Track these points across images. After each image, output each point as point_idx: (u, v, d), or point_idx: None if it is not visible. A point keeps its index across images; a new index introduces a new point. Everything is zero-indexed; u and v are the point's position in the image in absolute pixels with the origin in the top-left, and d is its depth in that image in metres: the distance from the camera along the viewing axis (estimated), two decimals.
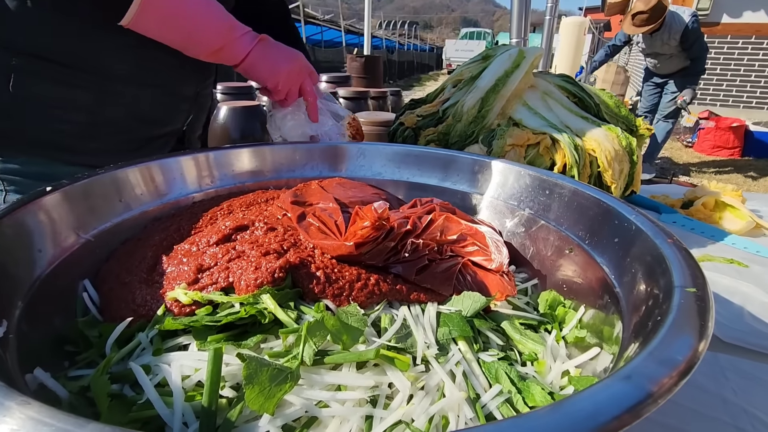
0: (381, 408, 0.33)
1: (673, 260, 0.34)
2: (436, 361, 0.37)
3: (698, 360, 0.22)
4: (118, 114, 0.69)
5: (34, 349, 0.33)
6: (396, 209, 0.62)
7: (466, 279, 0.48)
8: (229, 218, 0.52)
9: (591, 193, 0.51)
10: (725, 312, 0.62)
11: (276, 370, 0.30)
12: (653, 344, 0.23)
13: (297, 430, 0.30)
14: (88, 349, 0.37)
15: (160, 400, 0.30)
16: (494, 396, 0.35)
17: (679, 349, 0.22)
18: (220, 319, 0.35)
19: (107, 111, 0.68)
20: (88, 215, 0.47)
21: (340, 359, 0.34)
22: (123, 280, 0.43)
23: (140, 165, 0.55)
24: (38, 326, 0.35)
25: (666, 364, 0.21)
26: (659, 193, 1.13)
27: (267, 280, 0.38)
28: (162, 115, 0.77)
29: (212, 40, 0.64)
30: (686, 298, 0.28)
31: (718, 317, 0.60)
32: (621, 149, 0.75)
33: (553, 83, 0.86)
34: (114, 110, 0.69)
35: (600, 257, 0.47)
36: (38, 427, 0.16)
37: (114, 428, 0.16)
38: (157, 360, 0.33)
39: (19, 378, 0.27)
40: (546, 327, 0.47)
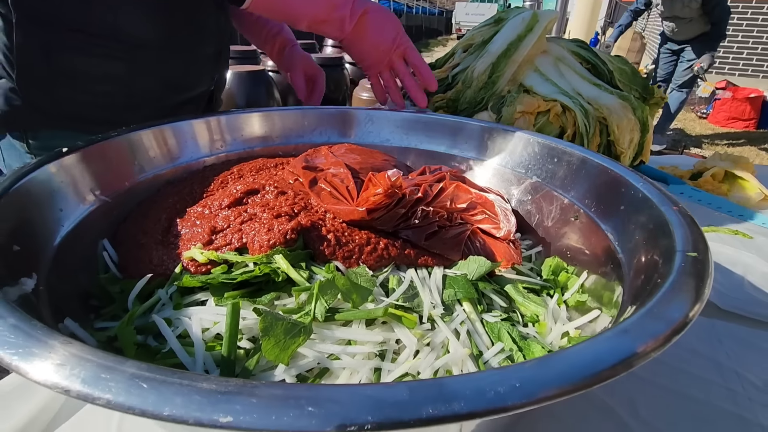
0: (389, 362, 0.34)
1: (677, 226, 0.35)
2: (441, 320, 0.38)
3: (692, 318, 0.23)
4: (149, 83, 0.69)
5: (62, 302, 0.35)
6: (405, 176, 0.63)
7: (475, 246, 0.49)
8: (240, 182, 0.53)
9: (599, 161, 0.52)
10: (725, 281, 0.63)
11: (290, 324, 0.32)
12: (652, 303, 0.24)
13: (310, 380, 0.32)
14: (111, 304, 0.39)
15: (182, 349, 0.32)
16: (496, 353, 0.37)
17: (676, 308, 0.23)
18: (235, 277, 0.37)
19: (139, 80, 0.68)
20: (104, 176, 0.48)
21: (350, 316, 0.36)
22: (139, 241, 0.44)
23: (153, 128, 0.56)
24: (65, 281, 0.37)
25: (662, 320, 0.22)
26: (669, 165, 1.12)
27: (280, 240, 0.40)
28: (191, 79, 0.77)
29: (317, 14, 0.65)
30: (687, 261, 0.29)
31: (717, 286, 0.61)
32: (633, 118, 0.74)
33: (567, 48, 0.83)
34: (146, 79, 0.69)
35: (605, 224, 0.47)
36: (81, 363, 0.18)
37: (150, 365, 0.18)
38: (178, 314, 0.35)
39: (54, 325, 0.29)
40: (548, 291, 0.48)
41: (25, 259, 0.32)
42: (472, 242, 0.49)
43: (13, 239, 0.32)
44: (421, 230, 0.46)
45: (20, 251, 0.32)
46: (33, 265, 0.33)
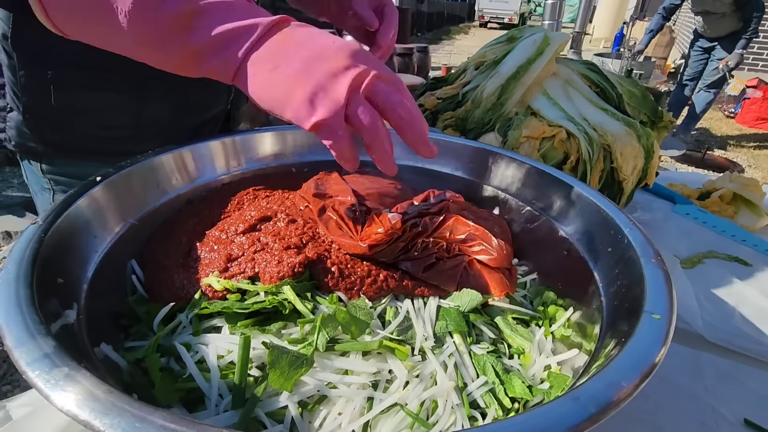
0: (381, 391, 0.39)
1: (651, 281, 0.38)
2: (431, 352, 0.42)
3: (640, 387, 0.26)
4: (160, 112, 0.67)
5: (96, 323, 0.40)
6: (410, 199, 0.66)
7: (470, 276, 0.52)
8: (254, 206, 0.57)
9: (593, 199, 0.54)
10: (716, 312, 0.65)
11: (294, 357, 0.36)
12: (607, 368, 0.28)
13: (310, 406, 0.37)
14: (138, 323, 0.44)
15: (200, 375, 0.36)
16: (479, 386, 0.41)
17: (627, 375, 0.27)
18: (248, 307, 0.41)
19: (150, 110, 0.66)
20: (132, 200, 0.53)
21: (348, 347, 0.40)
22: (163, 263, 0.49)
23: (174, 152, 0.60)
24: (99, 304, 0.41)
25: (613, 387, 0.26)
26: (679, 182, 1.12)
27: (288, 274, 0.44)
28: (205, 103, 0.74)
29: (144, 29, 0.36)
30: (649, 324, 0.32)
31: (707, 317, 0.64)
32: (637, 146, 0.75)
33: (577, 71, 0.85)
34: (156, 107, 0.67)
35: (593, 263, 0.50)
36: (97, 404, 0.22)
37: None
38: (197, 340, 0.40)
39: (91, 352, 0.34)
40: (537, 322, 0.52)
41: (68, 290, 0.37)
42: (468, 273, 0.52)
43: (58, 273, 0.37)
44: (420, 262, 0.50)
45: (63, 284, 0.37)
46: (74, 295, 0.38)
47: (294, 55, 0.37)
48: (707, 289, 0.71)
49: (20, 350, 0.25)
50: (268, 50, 0.37)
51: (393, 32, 0.62)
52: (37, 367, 0.25)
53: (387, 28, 0.61)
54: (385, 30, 0.60)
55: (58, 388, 0.24)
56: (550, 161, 0.75)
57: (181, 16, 0.35)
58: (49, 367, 0.25)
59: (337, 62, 0.36)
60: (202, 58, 0.37)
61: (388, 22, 0.61)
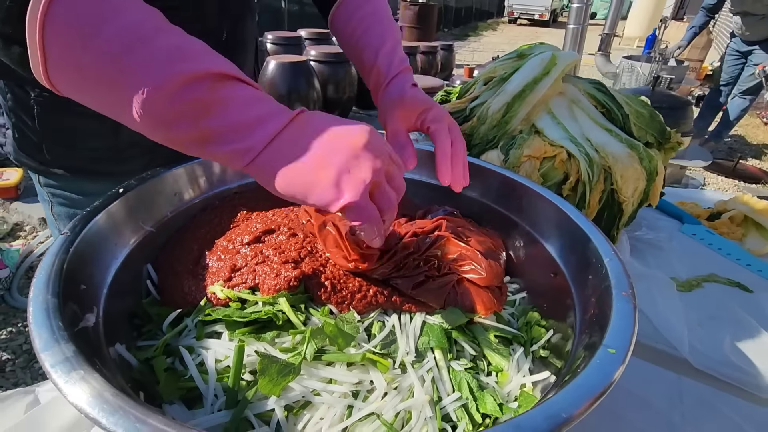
0: (361, 400, 0.42)
1: (617, 316, 0.40)
2: (411, 366, 0.46)
3: (581, 416, 0.29)
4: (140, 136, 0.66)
5: (113, 324, 0.45)
6: (412, 213, 0.69)
7: (458, 294, 0.55)
8: (260, 218, 0.61)
9: (579, 224, 0.56)
10: (707, 338, 0.66)
11: (282, 365, 0.40)
12: (551, 399, 0.30)
13: (295, 410, 0.41)
14: (150, 323, 0.49)
15: (200, 377, 0.41)
16: (453, 401, 0.44)
17: (568, 407, 0.29)
18: (246, 316, 0.46)
19: (128, 133, 0.61)
20: (150, 209, 0.58)
21: (334, 358, 0.44)
22: (175, 269, 0.54)
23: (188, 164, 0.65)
24: (116, 306, 0.47)
25: (552, 418, 0.28)
26: (690, 200, 1.11)
27: (284, 287, 0.48)
28: None
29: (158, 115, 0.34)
30: (602, 358, 0.34)
31: (696, 342, 0.65)
32: (639, 168, 0.76)
33: (584, 90, 0.86)
34: (135, 133, 0.66)
35: (575, 289, 0.52)
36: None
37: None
38: (199, 344, 0.44)
39: (106, 352, 0.39)
40: (519, 341, 0.54)
41: (89, 296, 0.42)
42: (457, 291, 0.55)
43: (82, 280, 0.42)
44: (410, 280, 0.53)
45: (85, 290, 0.42)
46: (95, 300, 0.43)
47: (313, 141, 0.37)
48: (702, 314, 0.71)
49: (46, 353, 0.30)
50: (287, 140, 0.36)
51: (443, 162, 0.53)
52: (59, 368, 0.30)
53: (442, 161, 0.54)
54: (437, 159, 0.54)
55: (75, 387, 0.29)
56: (550, 181, 0.77)
57: (199, 103, 0.34)
58: (68, 369, 0.29)
59: (357, 143, 0.37)
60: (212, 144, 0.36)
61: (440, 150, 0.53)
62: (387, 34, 0.60)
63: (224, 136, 0.35)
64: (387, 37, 0.60)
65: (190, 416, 0.39)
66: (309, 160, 0.36)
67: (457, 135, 0.55)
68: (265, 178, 0.37)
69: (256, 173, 0.37)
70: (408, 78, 0.58)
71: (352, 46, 0.63)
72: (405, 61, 0.60)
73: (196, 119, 0.34)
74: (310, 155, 0.36)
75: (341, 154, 0.37)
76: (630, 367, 0.55)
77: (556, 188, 0.77)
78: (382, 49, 0.58)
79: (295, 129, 0.37)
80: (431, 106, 0.56)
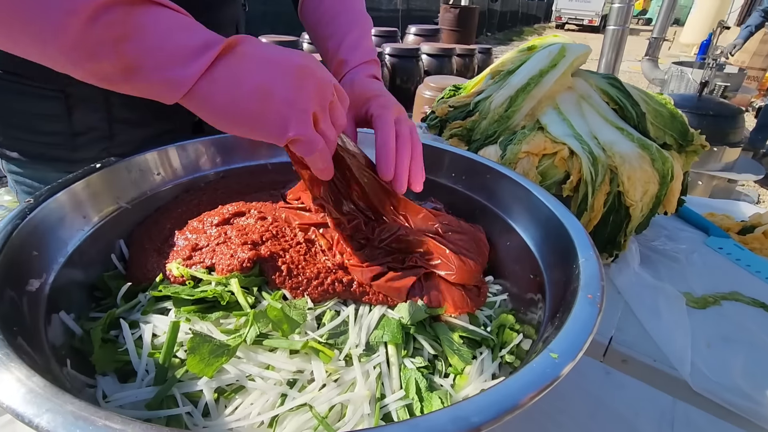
0: (297, 390, 0.40)
1: (572, 319, 0.36)
2: (358, 359, 0.43)
3: (493, 425, 0.26)
4: (96, 120, 0.64)
5: (70, 293, 0.45)
6: None
7: (424, 289, 0.52)
8: (236, 202, 0.61)
9: (564, 222, 0.51)
10: (714, 360, 0.59)
11: (215, 346, 0.39)
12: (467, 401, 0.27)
13: (226, 393, 0.40)
14: (109, 297, 0.50)
15: (135, 351, 0.40)
16: (396, 399, 0.41)
17: (480, 412, 0.26)
18: (193, 294, 0.45)
19: (82, 118, 0.63)
20: (128, 187, 0.59)
21: (275, 344, 0.42)
22: (144, 246, 0.55)
23: (177, 145, 0.66)
24: (75, 276, 0.47)
25: (457, 422, 0.25)
26: (721, 211, 1.01)
27: (236, 267, 0.47)
28: (151, 114, 0.68)
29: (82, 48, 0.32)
30: (541, 364, 0.30)
31: (701, 365, 0.58)
32: (650, 170, 0.70)
33: (596, 86, 0.80)
34: (89, 117, 0.64)
35: (549, 291, 0.48)
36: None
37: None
38: (143, 318, 0.44)
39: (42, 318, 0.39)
40: (488, 344, 0.50)
41: (40, 262, 0.43)
42: (423, 285, 0.52)
43: (34, 247, 0.43)
44: (369, 270, 0.50)
45: (37, 256, 0.43)
46: (45, 267, 0.43)
47: (253, 71, 0.35)
48: (713, 334, 0.64)
49: None
50: (224, 72, 0.34)
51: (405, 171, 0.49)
52: None
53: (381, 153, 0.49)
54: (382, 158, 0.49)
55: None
56: (549, 179, 0.72)
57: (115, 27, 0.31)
58: None
59: (299, 72, 0.36)
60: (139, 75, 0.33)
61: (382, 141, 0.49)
62: (354, 23, 0.58)
63: (147, 65, 0.32)
64: (353, 27, 0.58)
65: (119, 389, 0.39)
66: (250, 92, 0.35)
67: (405, 127, 0.50)
68: (206, 113, 0.36)
69: (195, 108, 0.35)
70: (368, 69, 0.56)
71: (318, 35, 0.61)
72: (370, 52, 0.57)
73: (116, 45, 0.31)
74: (251, 87, 0.35)
75: (283, 85, 0.35)
76: (621, 386, 0.50)
77: (555, 187, 0.72)
78: (346, 39, 0.57)
79: (233, 59, 0.35)
80: (379, 95, 0.52)
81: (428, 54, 4.34)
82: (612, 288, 0.73)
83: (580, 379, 0.55)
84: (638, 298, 0.70)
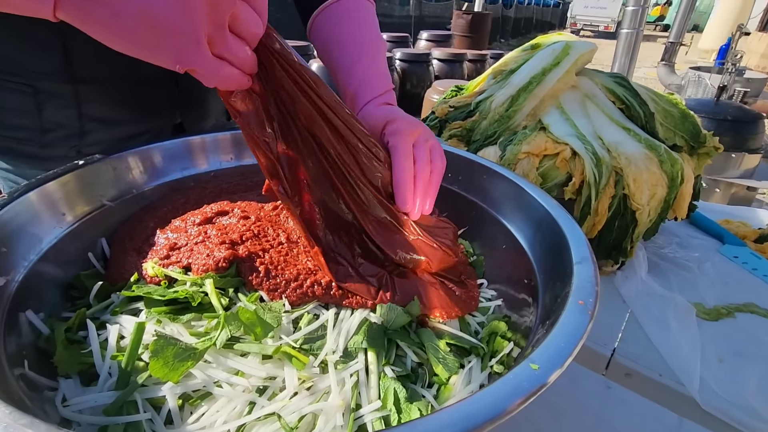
0: (266, 398, 0.38)
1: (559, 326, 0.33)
2: (334, 366, 0.41)
3: None
4: (66, 118, 0.63)
5: (37, 291, 0.44)
6: None
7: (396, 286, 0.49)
8: (219, 201, 0.59)
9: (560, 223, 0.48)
10: (725, 376, 0.55)
11: (180, 349, 0.37)
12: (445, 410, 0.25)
13: (192, 400, 0.37)
14: (85, 296, 0.48)
15: (98, 352, 0.38)
16: (372, 410, 0.38)
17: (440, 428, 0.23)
18: (165, 295, 0.43)
19: (52, 114, 0.62)
20: (112, 184, 0.57)
21: (246, 348, 0.40)
22: (124, 245, 0.53)
23: (167, 143, 0.65)
24: (49, 274, 0.46)
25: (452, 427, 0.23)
26: (738, 218, 0.96)
27: (211, 267, 0.45)
28: (129, 114, 0.67)
29: None
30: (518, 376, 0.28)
31: (711, 381, 0.54)
32: (657, 172, 0.66)
33: (601, 84, 0.76)
34: (58, 113, 0.62)
35: (542, 296, 0.45)
36: None
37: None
38: (113, 319, 0.42)
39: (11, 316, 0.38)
40: (478, 352, 0.47)
41: (8, 259, 0.42)
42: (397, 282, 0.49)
43: (3, 242, 0.41)
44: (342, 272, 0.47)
45: (6, 252, 0.41)
46: (14, 264, 0.42)
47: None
48: (726, 348, 0.60)
49: None
50: None
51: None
52: None
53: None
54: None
55: None
56: (551, 181, 0.68)
57: None
58: None
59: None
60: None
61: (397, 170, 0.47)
62: (363, 51, 0.55)
63: None
64: (362, 55, 0.55)
65: (80, 392, 0.37)
66: (130, 14, 0.30)
67: (422, 151, 0.48)
68: (91, 29, 0.31)
69: (78, 23, 0.31)
70: (380, 100, 0.53)
71: (327, 63, 0.59)
72: (381, 84, 0.54)
73: None
74: (131, 11, 0.30)
75: (164, 9, 0.31)
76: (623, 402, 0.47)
77: (557, 190, 0.69)
78: (355, 72, 0.54)
79: None
80: (390, 120, 0.49)
81: (439, 59, 4.33)
82: (616, 296, 0.69)
83: (578, 392, 0.52)
84: (645, 307, 0.66)
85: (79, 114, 0.64)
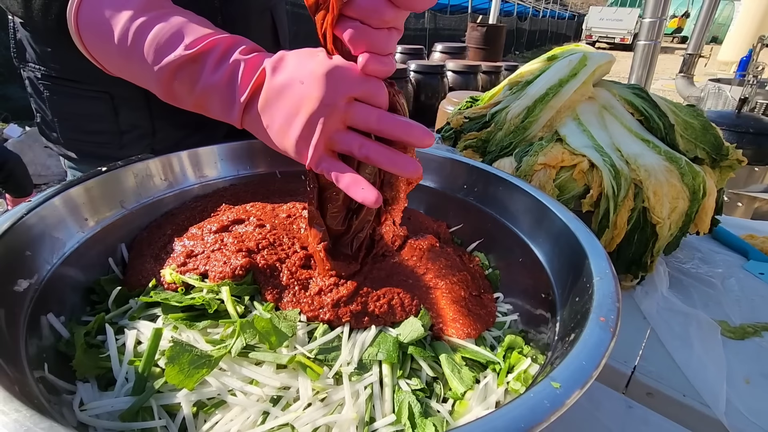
0: (280, 408, 0.38)
1: (581, 344, 0.32)
2: (348, 378, 0.40)
3: None
4: (139, 118, 0.69)
5: (59, 294, 0.45)
6: None
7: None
8: (235, 209, 0.60)
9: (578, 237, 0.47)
10: (753, 398, 0.53)
11: (195, 356, 0.37)
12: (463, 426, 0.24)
13: (206, 408, 0.37)
14: (104, 301, 0.49)
15: (116, 357, 0.39)
16: (386, 424, 0.38)
17: None
18: (182, 301, 0.43)
19: (127, 117, 0.69)
20: (133, 191, 0.59)
21: (260, 357, 0.40)
22: (143, 251, 0.54)
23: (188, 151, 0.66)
24: (71, 278, 0.47)
25: None
26: (763, 233, 0.93)
27: (228, 275, 0.45)
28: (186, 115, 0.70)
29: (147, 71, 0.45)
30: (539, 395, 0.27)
31: (737, 403, 0.52)
32: (678, 185, 0.65)
33: (619, 96, 0.76)
34: (132, 115, 0.69)
35: (560, 312, 0.44)
36: None
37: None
38: (131, 324, 0.43)
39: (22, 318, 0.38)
40: (494, 367, 0.46)
41: (33, 262, 0.42)
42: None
43: (27, 246, 0.42)
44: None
45: (30, 256, 0.42)
46: (38, 267, 0.43)
47: (275, 105, 0.42)
48: (753, 369, 0.57)
49: None
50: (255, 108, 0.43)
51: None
52: None
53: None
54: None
55: None
56: (568, 193, 0.67)
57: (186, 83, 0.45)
58: None
59: (312, 104, 0.39)
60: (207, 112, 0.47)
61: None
62: None
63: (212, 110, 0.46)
64: None
65: (97, 397, 0.37)
66: (276, 125, 0.42)
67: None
68: (257, 136, 0.45)
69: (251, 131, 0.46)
70: None
71: None
72: None
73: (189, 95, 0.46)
74: (276, 121, 0.42)
75: (298, 119, 0.40)
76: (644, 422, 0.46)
77: (574, 202, 0.68)
78: None
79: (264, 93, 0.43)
80: None
81: (453, 71, 4.34)
82: (636, 312, 0.68)
83: (597, 412, 0.50)
84: (666, 324, 0.64)
85: (150, 114, 0.70)
